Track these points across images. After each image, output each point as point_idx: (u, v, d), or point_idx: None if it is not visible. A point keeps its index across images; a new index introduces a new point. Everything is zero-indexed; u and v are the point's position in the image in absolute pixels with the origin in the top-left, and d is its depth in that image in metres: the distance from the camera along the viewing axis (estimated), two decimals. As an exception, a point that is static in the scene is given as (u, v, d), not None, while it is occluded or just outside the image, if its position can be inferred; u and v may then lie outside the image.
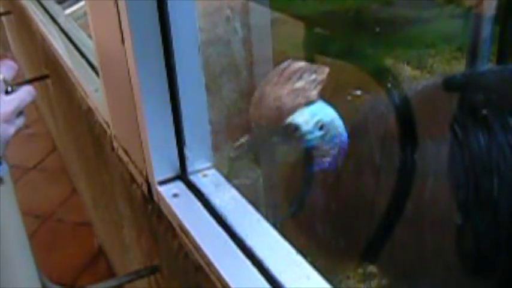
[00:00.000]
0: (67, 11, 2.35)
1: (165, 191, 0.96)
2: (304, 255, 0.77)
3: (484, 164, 0.82)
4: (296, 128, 0.87)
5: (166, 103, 0.92)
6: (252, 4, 1.50)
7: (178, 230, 0.92)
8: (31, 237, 1.11)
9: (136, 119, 0.96)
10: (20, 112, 0.82)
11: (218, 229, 0.85)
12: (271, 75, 0.88)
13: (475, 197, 0.83)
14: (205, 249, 0.82)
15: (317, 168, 0.93)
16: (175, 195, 0.95)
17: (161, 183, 0.97)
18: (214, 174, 0.98)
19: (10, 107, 0.80)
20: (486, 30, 1.93)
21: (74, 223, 2.68)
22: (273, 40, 1.55)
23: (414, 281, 0.95)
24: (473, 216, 0.83)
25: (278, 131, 0.88)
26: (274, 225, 0.84)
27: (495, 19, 1.94)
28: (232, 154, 0.99)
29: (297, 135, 0.88)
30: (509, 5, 1.96)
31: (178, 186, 0.97)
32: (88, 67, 1.60)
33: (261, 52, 1.53)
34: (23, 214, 1.05)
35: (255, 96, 0.88)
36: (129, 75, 0.92)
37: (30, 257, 1.06)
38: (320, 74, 0.88)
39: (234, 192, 0.92)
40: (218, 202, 0.90)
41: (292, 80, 0.86)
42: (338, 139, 0.92)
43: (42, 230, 2.63)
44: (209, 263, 0.80)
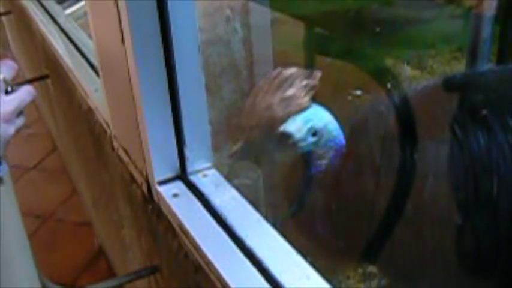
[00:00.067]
0: (67, 11, 2.36)
1: (165, 191, 0.96)
2: (304, 255, 0.77)
3: (484, 164, 0.82)
4: (289, 136, 0.86)
5: (166, 103, 0.92)
6: (252, 4, 1.50)
7: (178, 230, 0.92)
8: (31, 237, 1.11)
9: (136, 119, 0.96)
10: (20, 112, 0.82)
11: (218, 229, 0.85)
12: (261, 84, 0.88)
13: (475, 197, 0.83)
14: (205, 249, 0.82)
15: (314, 170, 0.93)
16: (175, 195, 0.95)
17: (161, 183, 0.97)
18: (214, 174, 0.98)
19: (10, 107, 0.80)
20: (486, 30, 1.93)
21: (74, 223, 2.68)
22: (273, 40, 1.55)
23: (414, 281, 0.95)
24: (473, 216, 0.83)
25: (271, 140, 0.88)
26: (274, 225, 0.84)
27: (495, 19, 1.94)
28: (227, 161, 0.98)
29: (290, 143, 0.87)
30: (509, 5, 1.96)
31: (178, 186, 0.97)
32: (88, 67, 1.60)
33: (261, 52, 1.53)
34: (23, 214, 1.05)
35: (246, 105, 0.88)
36: (129, 75, 0.92)
37: (30, 257, 1.06)
38: (312, 79, 0.88)
39: (234, 192, 0.92)
40: (218, 202, 0.90)
41: (283, 88, 0.86)
42: (333, 142, 0.91)
43: (42, 230, 2.63)
44: (209, 263, 0.80)
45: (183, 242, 0.90)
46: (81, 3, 2.37)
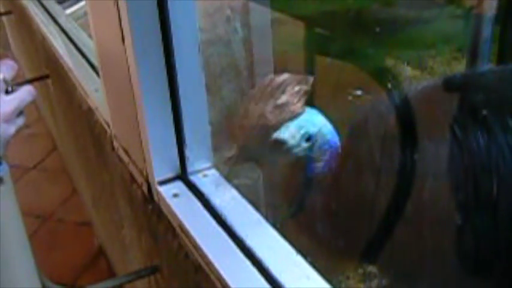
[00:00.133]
0: (67, 11, 2.36)
1: (165, 191, 0.96)
2: (304, 255, 0.77)
3: (484, 165, 0.82)
4: (282, 143, 0.86)
5: (166, 103, 0.92)
6: (253, 4, 1.50)
7: (178, 230, 0.92)
8: (31, 237, 1.11)
9: (136, 119, 0.96)
10: (20, 112, 0.82)
11: (218, 229, 0.85)
12: (254, 91, 0.88)
13: (475, 198, 0.83)
14: (205, 249, 0.82)
15: (310, 173, 0.93)
16: (175, 195, 0.95)
17: (161, 183, 0.97)
18: (214, 174, 0.98)
19: (10, 107, 0.80)
20: (486, 30, 1.93)
21: (74, 223, 2.68)
22: (274, 40, 1.55)
23: (414, 281, 0.95)
24: (472, 216, 0.83)
25: (265, 148, 0.88)
26: (274, 225, 0.84)
27: (495, 19, 1.94)
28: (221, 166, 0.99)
29: (284, 149, 0.87)
30: (509, 5, 1.96)
31: (178, 186, 0.97)
32: (88, 67, 1.60)
33: (261, 52, 1.53)
34: (23, 214, 1.05)
35: (239, 114, 0.88)
36: (130, 75, 0.92)
37: (30, 257, 1.07)
38: (304, 85, 0.87)
39: (234, 192, 0.92)
40: (218, 202, 0.90)
41: (275, 95, 0.85)
42: (327, 145, 0.91)
43: (42, 230, 2.63)
44: (209, 263, 0.80)
45: (183, 242, 0.90)
46: (81, 3, 2.37)
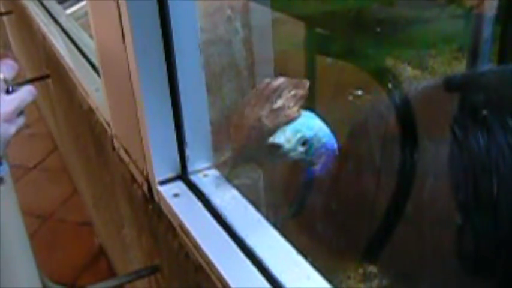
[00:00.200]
0: (68, 11, 2.36)
1: (166, 191, 0.96)
2: (304, 255, 0.77)
3: (484, 165, 0.82)
4: (278, 148, 0.86)
5: (167, 103, 0.92)
6: (253, 4, 1.50)
7: (178, 230, 0.92)
8: (32, 237, 1.11)
9: (137, 119, 0.96)
10: (21, 112, 0.82)
11: (218, 229, 0.85)
12: (249, 96, 0.88)
13: (475, 198, 0.83)
14: (205, 249, 0.82)
15: (308, 176, 0.93)
16: (175, 195, 0.95)
17: (162, 183, 0.97)
18: (214, 174, 0.98)
19: (11, 107, 0.80)
20: (487, 30, 1.93)
21: (75, 223, 2.68)
22: (274, 40, 1.55)
23: (414, 281, 0.95)
24: (472, 216, 0.83)
25: (260, 152, 0.88)
26: (274, 225, 0.84)
27: (496, 19, 1.94)
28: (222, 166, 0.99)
29: (280, 153, 0.87)
30: (510, 5, 1.96)
31: (178, 186, 0.97)
32: (89, 67, 1.60)
33: (262, 52, 1.53)
34: (24, 214, 1.05)
35: (235, 118, 0.87)
36: (130, 75, 0.92)
37: (30, 257, 1.07)
38: (301, 89, 0.87)
39: (235, 192, 0.92)
40: (219, 202, 0.90)
41: (271, 100, 0.85)
42: (324, 149, 0.91)
43: (42, 230, 2.63)
44: (209, 263, 0.80)
45: (184, 242, 0.90)
46: (82, 3, 2.38)
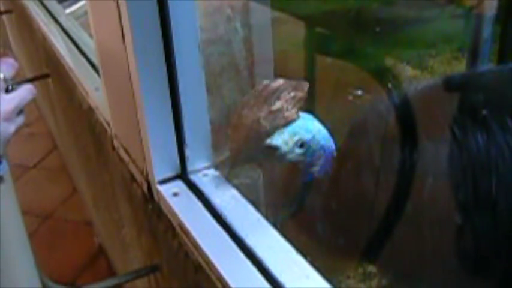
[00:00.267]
0: (68, 10, 2.36)
1: (165, 190, 0.96)
2: (304, 254, 0.77)
3: (483, 164, 0.82)
4: (275, 149, 0.87)
5: (166, 102, 0.92)
6: (253, 3, 1.50)
7: (178, 229, 0.92)
8: (31, 236, 1.11)
9: (136, 118, 0.96)
10: (20, 111, 0.82)
11: (218, 228, 0.85)
12: (248, 97, 0.88)
13: (474, 197, 0.83)
14: (205, 248, 0.82)
15: (306, 178, 0.93)
16: (175, 194, 0.95)
17: (161, 182, 0.97)
18: (214, 173, 0.98)
19: (10, 106, 0.80)
20: (487, 30, 1.93)
21: (74, 222, 2.68)
22: (274, 40, 1.55)
23: (414, 281, 0.95)
24: (472, 216, 0.83)
25: (258, 153, 0.88)
26: (274, 224, 0.84)
27: (496, 19, 1.95)
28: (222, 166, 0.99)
29: (277, 155, 0.87)
30: (509, 5, 1.96)
31: (178, 185, 0.97)
32: (89, 66, 1.60)
33: (262, 52, 1.53)
34: (23, 213, 1.05)
35: (233, 118, 0.88)
36: (130, 74, 0.92)
37: (30, 256, 1.07)
38: (299, 91, 0.87)
39: (234, 191, 0.92)
40: (218, 201, 0.90)
41: (269, 101, 0.85)
42: (322, 151, 0.91)
43: (42, 229, 2.63)
44: (209, 262, 0.80)
45: (183, 241, 0.90)
46: (81, 2, 2.37)
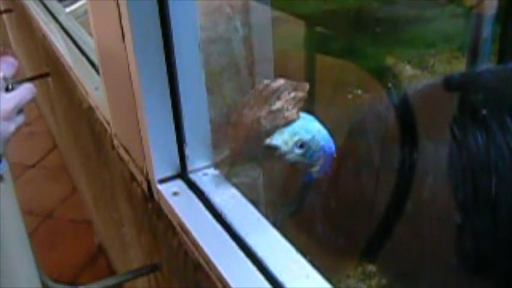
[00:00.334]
0: (68, 9, 2.36)
1: (165, 190, 0.96)
2: (303, 254, 0.77)
3: (483, 164, 0.82)
4: (275, 149, 0.87)
5: (166, 101, 0.92)
6: (253, 3, 1.50)
7: (178, 229, 0.92)
8: (31, 235, 1.11)
9: (136, 117, 0.96)
10: (20, 110, 0.82)
11: (218, 228, 0.85)
12: (248, 97, 0.88)
13: (474, 197, 0.83)
14: (205, 247, 0.82)
15: (306, 178, 0.93)
16: (175, 193, 0.95)
17: (161, 181, 0.97)
18: (214, 172, 0.98)
19: (10, 105, 0.80)
20: (487, 29, 1.93)
21: (74, 221, 2.68)
22: (274, 39, 1.55)
23: (413, 281, 0.95)
24: (472, 216, 0.83)
25: (257, 153, 0.88)
26: (274, 224, 0.84)
27: (496, 19, 1.94)
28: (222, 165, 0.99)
29: (277, 155, 0.87)
30: (509, 5, 1.96)
31: (178, 184, 0.97)
32: (89, 65, 1.60)
33: (262, 51, 1.52)
34: (23, 212, 1.05)
35: (233, 118, 0.88)
36: (130, 73, 0.92)
37: (30, 255, 1.07)
38: (300, 91, 0.87)
39: (234, 190, 0.92)
40: (218, 201, 0.90)
41: (270, 101, 0.85)
42: (321, 152, 0.91)
43: (42, 228, 2.63)
44: (209, 262, 0.80)
45: (183, 241, 0.90)
46: (81, 1, 2.38)
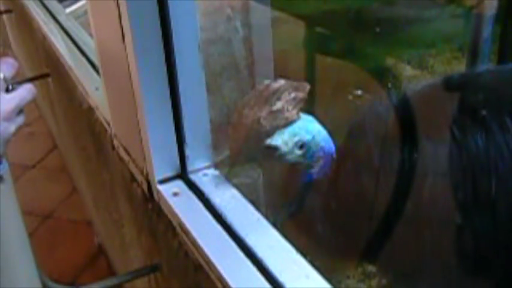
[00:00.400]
0: (68, 10, 2.36)
1: (165, 190, 0.96)
2: (303, 254, 0.77)
3: (482, 164, 0.82)
4: (275, 149, 0.87)
5: (166, 102, 0.92)
6: (253, 3, 1.50)
7: (178, 229, 0.92)
8: (31, 235, 1.11)
9: (136, 118, 0.96)
10: (20, 110, 0.82)
11: (218, 228, 0.85)
12: (248, 97, 0.88)
13: (474, 197, 0.83)
14: (205, 248, 0.82)
15: (306, 178, 0.93)
16: (175, 194, 0.95)
17: (161, 182, 0.97)
18: (214, 173, 0.98)
19: (10, 105, 0.80)
20: (487, 30, 1.93)
21: (74, 222, 2.68)
22: (274, 39, 1.55)
23: (413, 281, 0.95)
24: (471, 216, 0.83)
25: (257, 153, 0.88)
26: (274, 224, 0.84)
27: (496, 19, 1.94)
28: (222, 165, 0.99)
29: (277, 155, 0.87)
30: (509, 5, 1.96)
31: (178, 185, 0.97)
32: (89, 66, 1.60)
33: (262, 51, 1.53)
34: (23, 213, 1.05)
35: (233, 118, 0.88)
36: (130, 74, 0.92)
37: (30, 256, 1.07)
38: (300, 92, 0.87)
39: (234, 191, 0.92)
40: (218, 201, 0.90)
41: (270, 102, 0.85)
42: (321, 153, 0.91)
43: (42, 229, 2.63)
44: (209, 262, 0.80)
45: (183, 241, 0.90)
46: (81, 1, 2.37)
